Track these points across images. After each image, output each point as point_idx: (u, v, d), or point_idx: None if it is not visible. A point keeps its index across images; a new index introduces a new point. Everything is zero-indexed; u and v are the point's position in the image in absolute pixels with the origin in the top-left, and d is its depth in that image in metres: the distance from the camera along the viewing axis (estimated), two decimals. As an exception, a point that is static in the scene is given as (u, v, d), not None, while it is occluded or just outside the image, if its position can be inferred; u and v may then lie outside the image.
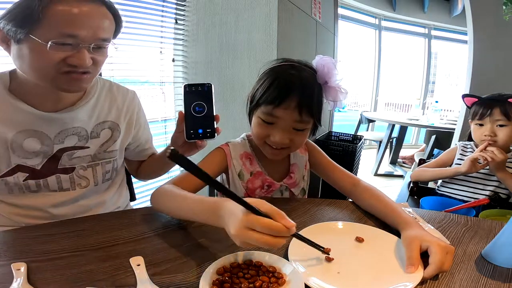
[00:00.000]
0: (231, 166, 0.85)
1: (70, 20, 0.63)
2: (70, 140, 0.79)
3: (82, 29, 0.64)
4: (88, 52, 0.67)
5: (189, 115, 0.73)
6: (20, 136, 0.73)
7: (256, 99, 0.77)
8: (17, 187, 0.76)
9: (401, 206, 0.76)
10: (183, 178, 0.76)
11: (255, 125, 0.78)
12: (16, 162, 0.74)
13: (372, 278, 0.54)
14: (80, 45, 0.65)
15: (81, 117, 0.80)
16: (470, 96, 1.30)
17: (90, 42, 0.66)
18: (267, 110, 0.74)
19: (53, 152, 0.77)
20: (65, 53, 0.65)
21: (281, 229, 0.45)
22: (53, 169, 0.78)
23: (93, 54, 0.68)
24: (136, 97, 0.93)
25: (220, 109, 1.74)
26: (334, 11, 2.56)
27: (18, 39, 0.63)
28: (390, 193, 0.89)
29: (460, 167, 1.24)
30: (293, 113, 0.73)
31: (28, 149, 0.74)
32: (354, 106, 6.01)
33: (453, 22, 4.85)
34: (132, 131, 0.92)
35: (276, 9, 1.54)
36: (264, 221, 0.45)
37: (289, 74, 0.75)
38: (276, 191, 0.88)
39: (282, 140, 0.75)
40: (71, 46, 0.65)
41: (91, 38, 0.66)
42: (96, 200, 0.87)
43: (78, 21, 0.64)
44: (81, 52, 0.65)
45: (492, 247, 0.60)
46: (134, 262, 0.53)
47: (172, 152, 0.40)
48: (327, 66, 0.75)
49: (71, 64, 0.66)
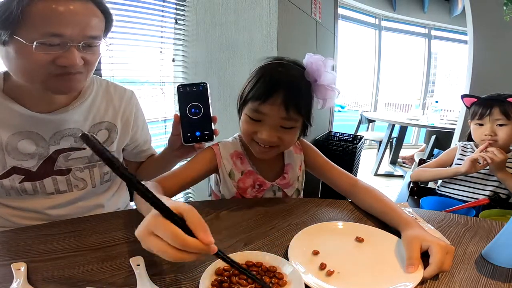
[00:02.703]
0: (221, 166, 0.84)
1: (54, 18, 0.60)
2: (65, 141, 0.78)
3: (68, 28, 0.61)
4: (78, 51, 0.64)
5: (185, 118, 0.71)
6: (14, 138, 0.72)
7: (244, 96, 0.77)
8: (14, 190, 0.75)
9: (401, 206, 0.76)
10: (167, 176, 0.76)
11: (243, 122, 0.78)
12: (11, 164, 0.73)
13: (372, 278, 0.54)
14: (68, 44, 0.62)
15: (76, 118, 0.78)
16: (469, 96, 1.30)
17: (78, 40, 0.63)
18: (253, 107, 0.74)
19: (49, 154, 0.76)
20: (53, 54, 0.62)
21: (189, 244, 0.39)
22: (49, 171, 0.77)
23: (84, 53, 0.66)
24: (134, 97, 0.92)
25: (220, 109, 1.75)
26: (334, 11, 2.56)
27: (4, 41, 0.61)
28: (390, 193, 0.89)
29: (460, 167, 1.24)
30: (279, 109, 0.72)
31: (23, 151, 0.73)
32: (354, 106, 6.01)
33: (453, 22, 4.85)
34: (129, 132, 0.90)
35: (276, 9, 1.54)
36: (169, 227, 0.40)
37: (276, 71, 0.75)
38: (268, 191, 0.87)
39: (269, 138, 0.74)
40: (59, 46, 0.62)
41: (79, 36, 0.63)
42: (95, 202, 0.86)
43: (63, 19, 0.61)
44: (70, 52, 0.63)
45: (492, 247, 0.60)
46: (134, 262, 0.53)
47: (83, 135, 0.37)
48: (316, 63, 0.74)
49: (61, 65, 0.63)
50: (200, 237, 0.40)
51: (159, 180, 0.73)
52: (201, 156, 0.83)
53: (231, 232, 0.66)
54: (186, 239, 0.40)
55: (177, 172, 0.79)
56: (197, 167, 0.81)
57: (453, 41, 5.26)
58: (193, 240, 0.40)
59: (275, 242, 0.63)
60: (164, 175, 0.77)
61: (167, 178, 0.76)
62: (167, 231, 0.40)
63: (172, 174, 0.78)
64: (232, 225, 0.69)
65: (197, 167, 0.81)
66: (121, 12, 1.48)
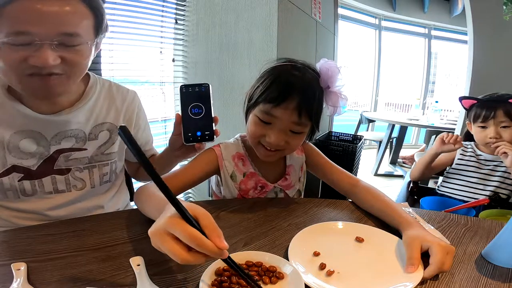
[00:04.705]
0: (223, 167, 0.83)
1: (22, 16, 0.57)
2: (67, 141, 0.78)
3: (36, 25, 0.58)
4: (51, 50, 0.60)
5: (187, 117, 0.71)
6: (17, 137, 0.72)
7: (255, 97, 0.75)
8: (12, 191, 0.75)
9: (401, 206, 0.76)
10: (168, 177, 0.76)
11: (251, 123, 0.77)
12: (11, 163, 0.73)
13: (372, 278, 0.54)
14: (37, 42, 0.58)
15: (79, 119, 0.78)
16: (468, 98, 1.29)
17: (50, 38, 0.59)
18: (265, 109, 0.73)
19: (50, 153, 0.76)
20: (23, 53, 0.59)
21: (206, 245, 0.40)
22: (49, 170, 0.77)
23: (61, 52, 0.61)
24: (136, 98, 0.91)
25: (220, 109, 1.76)
26: (334, 11, 2.56)
27: None
28: (390, 193, 0.89)
29: (432, 147, 1.29)
30: (292, 114, 0.71)
31: (24, 149, 0.73)
32: (354, 106, 6.01)
33: (453, 22, 4.85)
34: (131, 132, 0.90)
35: (276, 9, 1.54)
36: (188, 228, 0.41)
37: (291, 74, 0.74)
38: (270, 193, 0.87)
39: (278, 141, 0.73)
40: (29, 46, 0.58)
41: (51, 34, 0.59)
42: (95, 203, 0.86)
43: (30, 16, 0.57)
44: (41, 51, 0.59)
45: (492, 247, 0.60)
46: (134, 262, 0.53)
47: (122, 128, 0.40)
48: (331, 70, 0.73)
49: (33, 64, 0.59)
50: (216, 242, 0.41)
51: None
52: (203, 157, 0.83)
53: (231, 232, 0.66)
54: (203, 240, 0.40)
55: (178, 173, 0.78)
56: (198, 168, 0.81)
57: (453, 41, 5.26)
58: (210, 242, 0.41)
59: (275, 242, 0.63)
60: (165, 176, 0.77)
61: (167, 179, 0.75)
62: (185, 232, 0.40)
63: (173, 175, 0.78)
64: (232, 225, 0.69)
65: (198, 168, 0.81)
66: (121, 12, 1.48)
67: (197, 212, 0.43)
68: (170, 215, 0.43)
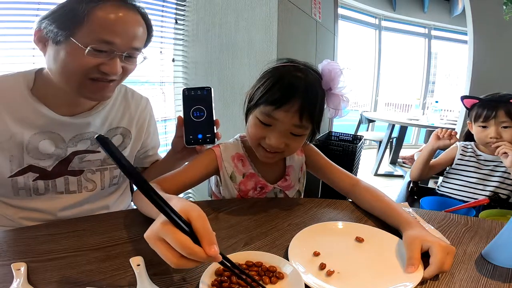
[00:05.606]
0: (222, 168, 0.83)
1: (110, 26, 0.64)
2: (83, 144, 0.79)
3: (119, 37, 0.65)
4: (120, 60, 0.67)
5: (188, 120, 0.72)
6: (36, 138, 0.73)
7: (256, 98, 0.74)
8: (25, 189, 0.75)
9: (401, 206, 0.76)
10: (167, 177, 0.76)
11: (252, 125, 0.76)
12: (28, 163, 0.74)
13: (372, 278, 0.54)
14: (114, 52, 0.65)
15: (96, 122, 0.80)
16: (470, 98, 1.29)
17: (123, 50, 0.67)
18: (266, 111, 0.71)
19: (67, 155, 0.78)
20: (99, 60, 0.65)
21: (195, 253, 0.40)
22: (63, 171, 0.79)
23: (124, 63, 0.69)
24: (148, 105, 0.94)
25: (220, 109, 1.75)
26: (334, 11, 2.56)
27: (58, 40, 0.63)
28: (390, 193, 0.89)
29: (428, 144, 1.31)
30: (294, 117, 0.70)
31: (42, 150, 0.74)
32: (354, 106, 6.00)
33: (453, 22, 4.85)
34: (142, 138, 0.92)
35: (276, 9, 1.54)
36: (178, 236, 0.40)
37: (294, 76, 0.72)
38: (269, 193, 0.87)
39: (278, 144, 0.72)
40: (106, 53, 0.65)
41: (125, 46, 0.66)
42: (100, 204, 0.87)
43: (116, 28, 0.64)
44: (114, 60, 0.66)
45: (492, 247, 0.60)
46: (134, 262, 0.53)
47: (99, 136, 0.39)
48: (334, 71, 0.72)
49: (103, 71, 0.66)
50: (205, 249, 0.41)
51: (159, 181, 0.73)
52: (202, 158, 0.83)
53: (231, 232, 0.66)
54: (193, 249, 0.40)
55: (177, 174, 0.78)
56: (197, 169, 0.81)
57: (453, 41, 5.26)
58: (200, 250, 0.41)
59: (275, 242, 0.63)
60: (164, 176, 0.77)
61: (167, 179, 0.75)
62: (175, 240, 0.40)
63: (172, 176, 0.77)
64: (232, 225, 0.69)
65: (198, 169, 0.81)
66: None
67: (190, 215, 0.43)
68: (162, 221, 0.43)
